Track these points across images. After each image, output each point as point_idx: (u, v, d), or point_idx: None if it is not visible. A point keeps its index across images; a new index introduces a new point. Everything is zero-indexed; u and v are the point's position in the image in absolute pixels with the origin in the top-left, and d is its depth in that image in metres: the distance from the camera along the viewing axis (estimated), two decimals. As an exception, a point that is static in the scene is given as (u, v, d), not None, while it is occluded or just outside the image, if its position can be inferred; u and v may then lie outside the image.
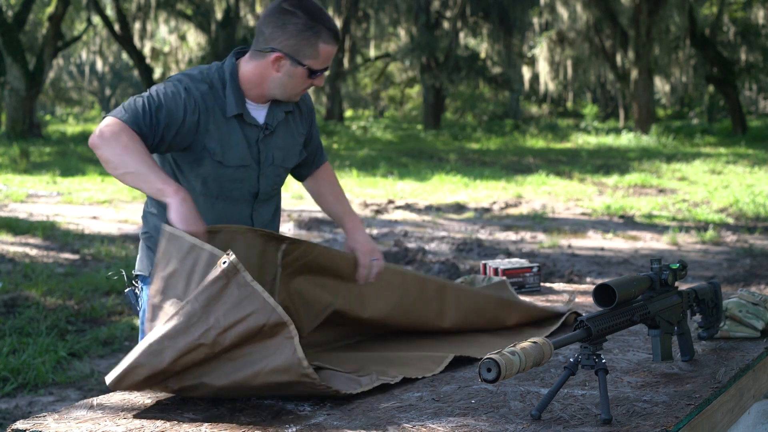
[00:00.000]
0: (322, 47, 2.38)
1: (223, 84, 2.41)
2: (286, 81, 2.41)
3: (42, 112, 45.02)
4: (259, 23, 2.42)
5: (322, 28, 2.37)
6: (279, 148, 2.51)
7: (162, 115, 2.32)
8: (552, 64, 30.25)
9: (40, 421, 1.88)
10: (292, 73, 2.40)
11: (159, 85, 2.39)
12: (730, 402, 2.19)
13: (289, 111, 2.54)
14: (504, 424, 1.83)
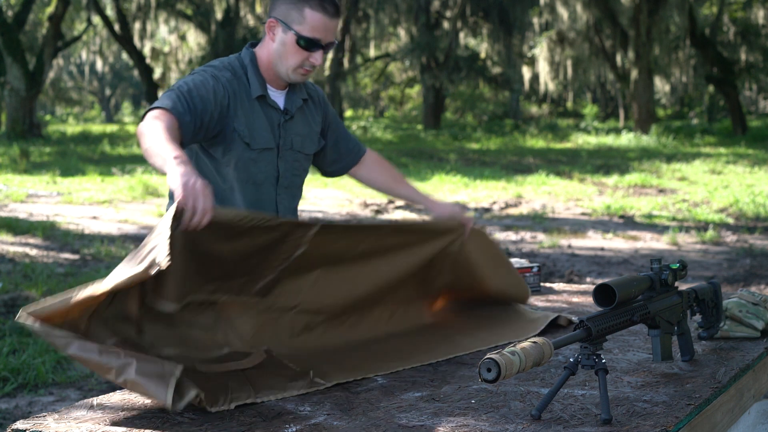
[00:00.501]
0: (308, 12, 2.44)
1: (245, 70, 2.52)
2: (281, 50, 2.48)
3: (42, 112, 45.04)
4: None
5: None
6: (298, 134, 2.60)
7: (197, 100, 2.39)
8: (552, 64, 30.25)
9: (40, 421, 1.88)
10: (284, 40, 2.47)
11: (185, 77, 2.47)
12: (730, 402, 2.19)
13: (305, 98, 2.63)
14: (504, 424, 1.83)
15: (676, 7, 25.96)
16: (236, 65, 2.53)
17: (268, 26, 2.50)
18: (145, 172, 15.73)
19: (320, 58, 2.49)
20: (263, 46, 2.54)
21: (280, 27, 2.47)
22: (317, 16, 2.44)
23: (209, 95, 2.42)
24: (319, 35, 2.45)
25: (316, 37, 2.45)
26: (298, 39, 2.45)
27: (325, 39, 2.47)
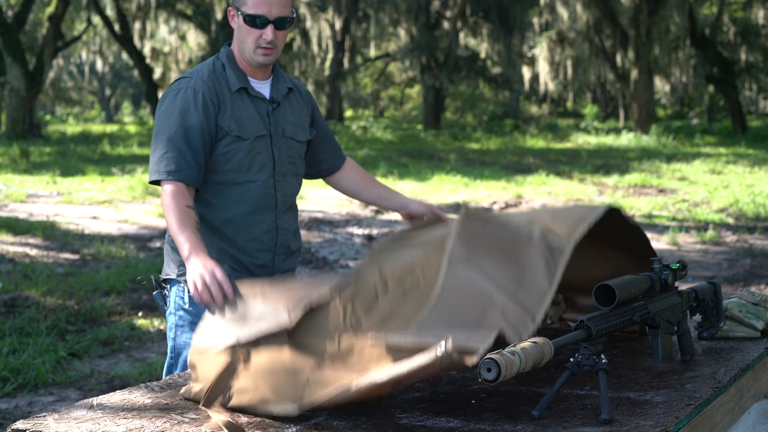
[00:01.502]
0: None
1: (223, 67, 2.58)
2: (240, 35, 2.54)
3: (42, 112, 45.04)
4: None
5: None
6: (289, 122, 2.64)
7: (195, 140, 2.48)
8: (552, 64, 30.25)
9: (40, 421, 1.88)
10: (240, 24, 2.52)
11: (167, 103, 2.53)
12: (730, 402, 2.19)
13: (290, 87, 2.68)
14: (504, 424, 1.83)
15: (676, 7, 25.96)
16: (214, 64, 2.59)
17: (229, 17, 2.58)
18: (145, 172, 15.72)
19: (271, 33, 2.50)
20: (234, 42, 2.61)
21: (235, 13, 2.54)
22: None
23: (200, 119, 2.49)
24: (262, 10, 2.48)
25: (260, 13, 2.48)
26: (245, 18, 2.50)
27: (270, 13, 2.49)
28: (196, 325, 2.47)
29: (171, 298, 2.58)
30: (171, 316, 2.58)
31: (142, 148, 23.13)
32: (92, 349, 5.40)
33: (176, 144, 2.45)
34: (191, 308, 2.52)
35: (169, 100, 2.54)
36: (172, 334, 2.57)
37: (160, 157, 2.46)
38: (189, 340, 2.50)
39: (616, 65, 28.42)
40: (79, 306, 6.38)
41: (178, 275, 2.56)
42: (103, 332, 5.67)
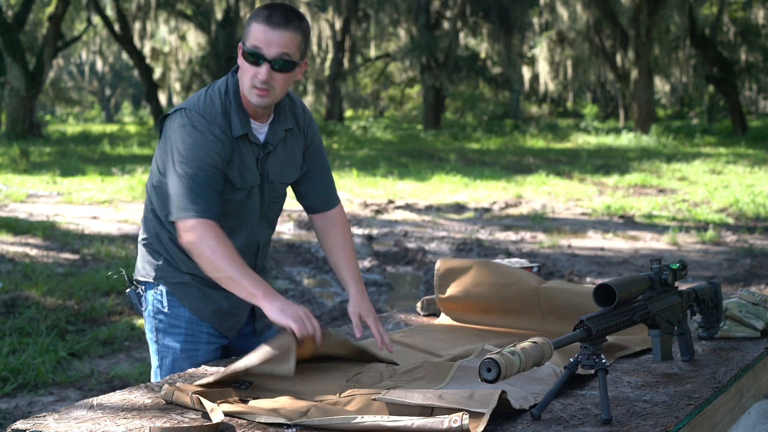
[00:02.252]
0: (253, 25, 2.35)
1: (229, 105, 2.41)
2: (241, 72, 2.39)
3: (42, 112, 45.04)
4: None
5: (262, 11, 2.35)
6: (278, 164, 2.50)
7: (213, 180, 2.35)
8: (552, 64, 30.25)
9: (40, 421, 1.87)
10: (241, 60, 2.39)
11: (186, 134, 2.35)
12: (730, 402, 2.19)
13: (289, 128, 2.51)
14: (505, 424, 1.83)
15: (676, 7, 25.96)
16: (224, 103, 2.41)
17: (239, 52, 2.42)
18: (145, 172, 15.73)
19: (265, 72, 2.32)
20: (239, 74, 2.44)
21: (241, 47, 2.39)
22: (259, 27, 2.33)
23: (216, 163, 2.36)
24: (260, 45, 2.32)
25: (256, 47, 2.32)
26: (243, 53, 2.36)
27: (267, 51, 2.31)
28: (175, 328, 2.49)
29: (148, 301, 2.53)
30: (150, 319, 2.52)
31: (142, 148, 23.12)
32: (92, 349, 5.40)
33: (198, 182, 2.32)
34: (170, 311, 2.48)
35: (184, 134, 2.35)
36: (153, 337, 2.52)
37: (184, 194, 2.31)
38: (171, 343, 2.48)
39: (616, 65, 28.42)
40: (79, 306, 6.38)
41: (155, 278, 2.50)
42: (103, 332, 5.67)
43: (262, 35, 2.32)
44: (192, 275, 2.47)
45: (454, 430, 1.74)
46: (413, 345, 2.54)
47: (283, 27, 2.32)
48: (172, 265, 2.49)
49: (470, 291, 2.84)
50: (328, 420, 1.83)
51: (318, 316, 6.34)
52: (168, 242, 2.48)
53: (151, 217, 2.52)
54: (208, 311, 2.49)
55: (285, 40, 2.33)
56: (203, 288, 2.48)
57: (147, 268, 2.54)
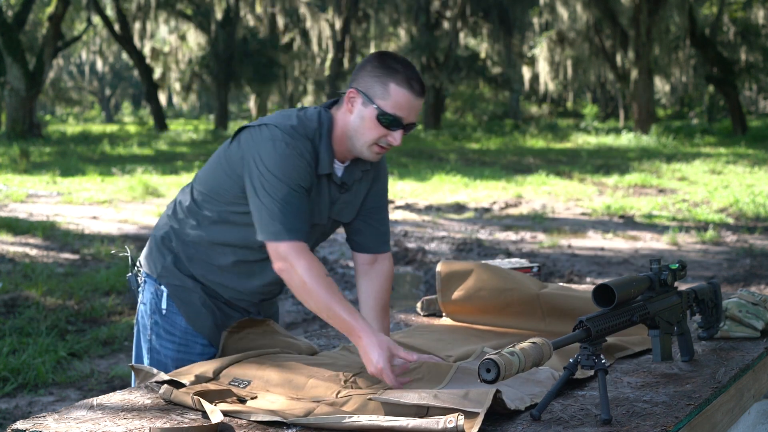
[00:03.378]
0: (393, 88, 2.25)
1: (319, 139, 2.33)
2: (358, 124, 2.30)
3: (42, 112, 45.05)
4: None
5: (398, 71, 2.27)
6: (342, 203, 2.45)
7: (303, 200, 2.30)
8: (552, 64, 30.26)
9: (40, 421, 1.88)
10: (363, 114, 2.29)
11: (276, 153, 2.26)
12: (730, 402, 2.19)
13: (366, 170, 2.45)
14: (504, 424, 1.83)
15: (676, 7, 25.96)
16: (314, 131, 2.33)
17: (347, 97, 2.31)
18: (145, 172, 15.74)
19: (399, 138, 2.29)
20: (340, 115, 2.35)
21: (361, 99, 2.28)
22: (402, 93, 2.25)
23: (306, 185, 2.31)
24: (402, 113, 2.26)
25: (399, 115, 2.26)
26: (379, 115, 2.26)
27: (407, 118, 2.28)
28: (170, 335, 2.43)
29: (146, 296, 2.48)
30: (146, 315, 2.47)
31: (142, 148, 23.13)
32: (92, 349, 5.40)
33: (290, 202, 2.25)
34: (167, 316, 2.44)
35: (274, 149, 2.27)
36: (147, 334, 2.47)
37: (275, 215, 2.24)
38: (164, 348, 2.43)
39: (616, 65, 28.42)
40: (79, 306, 6.38)
41: (159, 275, 2.45)
42: (103, 332, 5.67)
43: (406, 103, 2.27)
44: (195, 281, 2.44)
45: (450, 430, 1.74)
46: (413, 346, 2.55)
47: (421, 95, 2.30)
48: (178, 266, 2.44)
49: (472, 296, 2.85)
50: (325, 419, 1.84)
51: (318, 316, 6.33)
52: (190, 242, 2.42)
53: (186, 212, 2.44)
54: (205, 324, 2.44)
55: (419, 108, 2.32)
56: (204, 296, 2.44)
57: (153, 263, 2.48)
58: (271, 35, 33.84)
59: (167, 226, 2.49)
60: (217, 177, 2.39)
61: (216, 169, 2.40)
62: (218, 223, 2.40)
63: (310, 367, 2.18)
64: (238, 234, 2.39)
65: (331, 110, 2.38)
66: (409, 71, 2.28)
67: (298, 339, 2.50)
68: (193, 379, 2.10)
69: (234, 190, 2.35)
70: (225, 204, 2.38)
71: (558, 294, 2.79)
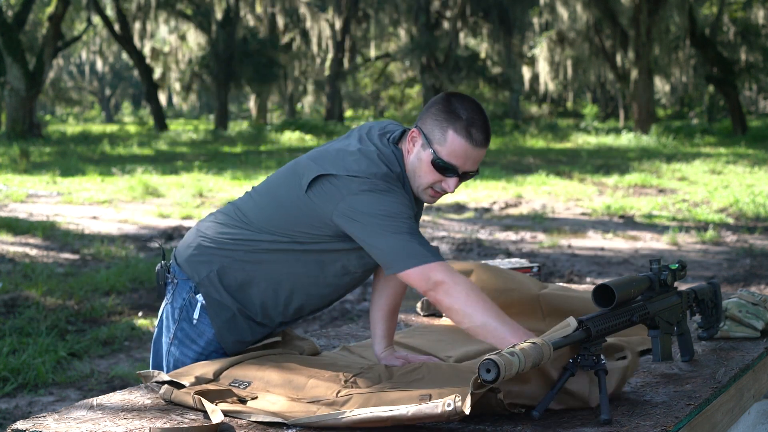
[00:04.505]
0: (451, 135, 2.22)
1: (404, 179, 2.31)
2: (416, 165, 2.28)
3: (42, 112, 45.05)
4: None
5: (461, 118, 2.23)
6: None
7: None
8: (552, 64, 30.26)
9: (40, 421, 1.88)
10: (421, 156, 2.26)
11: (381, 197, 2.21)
12: (730, 402, 2.19)
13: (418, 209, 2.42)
14: (504, 425, 1.83)
15: (676, 7, 25.97)
16: (399, 175, 2.30)
17: (410, 136, 2.28)
18: (145, 172, 15.73)
19: (453, 185, 2.26)
20: (405, 151, 2.32)
21: (421, 140, 2.26)
22: (460, 142, 2.22)
23: (413, 213, 2.29)
24: (457, 162, 2.23)
25: (453, 163, 2.23)
26: (434, 159, 2.24)
27: (463, 167, 2.25)
28: (193, 343, 2.37)
29: (178, 301, 2.40)
30: (172, 320, 2.40)
31: (142, 148, 23.13)
32: (92, 349, 5.40)
33: (413, 231, 2.20)
34: (197, 326, 2.37)
35: (371, 199, 2.20)
36: (169, 338, 2.40)
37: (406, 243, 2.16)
38: (183, 356, 2.38)
39: (616, 65, 28.43)
40: (79, 306, 6.38)
41: (198, 283, 2.35)
42: (103, 332, 5.67)
43: (462, 153, 2.23)
44: (233, 298, 2.36)
45: (449, 413, 1.75)
46: (413, 346, 2.55)
47: (482, 146, 2.26)
48: (222, 280, 2.35)
49: None
50: (326, 416, 1.84)
51: (318, 316, 6.34)
52: (239, 260, 2.35)
53: (243, 234, 2.35)
54: (231, 340, 2.38)
55: (479, 157, 2.28)
56: (240, 316, 2.37)
57: (196, 269, 2.38)
58: (271, 35, 33.84)
59: (219, 237, 2.38)
60: (293, 217, 2.30)
61: (291, 209, 2.30)
62: (284, 253, 2.33)
63: (311, 368, 2.18)
64: (302, 261, 2.33)
65: (399, 146, 2.34)
66: (473, 118, 2.24)
67: (303, 338, 2.50)
68: (194, 380, 2.10)
69: (315, 236, 2.29)
70: (297, 243, 2.32)
71: (558, 294, 2.79)
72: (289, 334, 2.49)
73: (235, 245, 2.35)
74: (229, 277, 2.35)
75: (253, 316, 2.38)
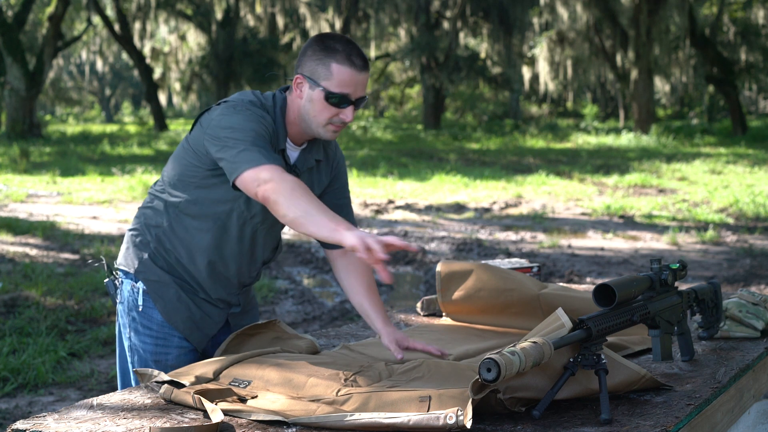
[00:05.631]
0: (335, 67, 2.33)
1: (274, 115, 2.42)
2: (309, 108, 2.38)
3: (42, 112, 45.04)
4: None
5: (338, 50, 2.34)
6: None
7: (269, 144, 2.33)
8: (552, 64, 30.26)
9: (40, 421, 1.88)
10: (311, 96, 2.37)
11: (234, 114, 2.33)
12: (730, 402, 2.19)
13: (318, 160, 2.52)
14: (505, 424, 1.83)
15: (676, 7, 25.96)
16: (270, 108, 2.42)
17: (295, 83, 2.39)
18: (145, 172, 15.74)
19: (351, 113, 2.39)
20: (292, 100, 2.43)
21: (307, 84, 2.37)
22: (345, 71, 2.33)
23: (269, 135, 2.36)
24: (348, 90, 2.35)
25: (345, 92, 2.35)
26: (327, 94, 2.34)
27: (354, 94, 2.36)
28: (147, 329, 2.46)
29: (124, 295, 2.50)
30: (124, 314, 2.51)
31: (142, 148, 23.13)
32: (92, 349, 5.40)
33: (259, 143, 2.27)
34: (144, 311, 2.47)
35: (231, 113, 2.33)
36: (126, 332, 2.50)
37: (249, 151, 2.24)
38: (142, 343, 2.47)
39: (616, 65, 28.43)
40: (79, 306, 6.38)
41: (136, 271, 2.47)
42: (103, 332, 5.67)
43: (349, 79, 2.34)
44: (172, 276, 2.46)
45: (450, 426, 1.75)
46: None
47: (364, 69, 2.36)
48: (155, 261, 2.47)
49: (472, 296, 2.86)
50: (326, 418, 1.84)
51: (318, 316, 6.34)
52: (162, 234, 2.46)
53: (159, 205, 2.47)
54: (179, 318, 2.47)
55: (365, 81, 2.37)
56: (179, 291, 2.46)
57: (130, 259, 2.50)
58: (271, 35, 33.84)
59: (141, 221, 2.52)
60: (184, 164, 2.43)
61: (181, 158, 2.44)
62: (190, 203, 2.44)
63: (310, 366, 2.18)
64: (211, 209, 2.43)
65: (285, 94, 2.46)
66: (349, 48, 2.35)
67: (302, 336, 2.51)
68: (194, 379, 2.10)
69: (201, 171, 2.40)
70: (194, 188, 2.42)
71: (558, 294, 2.79)
72: (289, 333, 2.49)
73: (155, 218, 2.48)
74: (160, 257, 2.47)
75: (194, 288, 2.48)
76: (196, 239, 2.45)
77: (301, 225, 2.16)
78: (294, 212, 2.16)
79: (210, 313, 2.50)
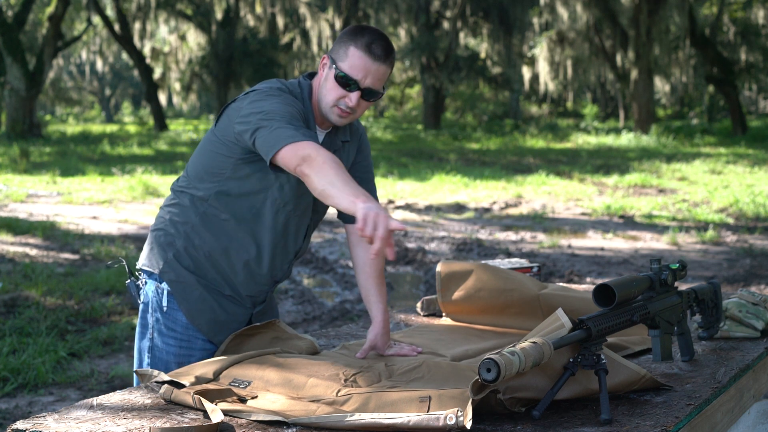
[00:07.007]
0: (352, 50, 2.33)
1: (302, 100, 2.43)
2: (324, 85, 2.39)
3: (42, 112, 45.04)
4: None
5: (362, 36, 2.34)
6: None
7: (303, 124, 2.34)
8: (552, 64, 30.26)
9: (40, 421, 1.88)
10: (328, 75, 2.38)
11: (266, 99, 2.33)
12: (730, 402, 2.19)
13: (345, 140, 2.52)
14: (504, 424, 1.83)
15: (676, 7, 25.96)
16: (297, 94, 2.43)
17: (321, 62, 2.42)
18: (145, 172, 15.73)
19: (355, 99, 2.35)
20: (315, 82, 2.46)
21: (328, 62, 2.39)
22: (360, 55, 2.33)
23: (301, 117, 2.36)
24: (358, 75, 2.33)
25: (353, 76, 2.33)
26: (336, 73, 2.35)
27: (363, 81, 2.34)
28: (171, 331, 2.45)
29: (148, 295, 2.49)
30: (147, 315, 2.49)
31: (142, 148, 23.13)
32: (92, 349, 5.40)
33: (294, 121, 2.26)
34: (168, 313, 2.46)
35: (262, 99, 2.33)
36: (148, 333, 2.48)
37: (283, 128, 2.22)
38: (165, 345, 2.45)
39: (616, 65, 28.42)
40: (79, 306, 6.38)
41: (161, 272, 2.45)
42: (103, 332, 5.67)
43: (361, 64, 2.33)
44: (196, 276, 2.45)
45: (450, 426, 1.75)
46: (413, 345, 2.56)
47: (381, 60, 2.34)
48: (179, 261, 2.45)
49: (472, 296, 2.86)
50: (326, 418, 1.84)
51: (318, 316, 6.34)
52: (192, 230, 2.44)
53: (185, 201, 2.46)
54: (203, 320, 2.46)
55: (380, 74, 2.35)
56: (203, 292, 2.45)
57: (154, 259, 2.48)
58: (271, 35, 33.85)
59: (166, 219, 2.50)
60: (211, 156, 2.41)
61: (208, 150, 2.43)
62: (222, 195, 2.42)
63: (310, 367, 2.18)
64: (244, 199, 2.42)
65: (311, 80, 2.47)
66: (373, 36, 2.34)
67: (302, 337, 2.51)
68: (194, 380, 2.10)
69: (231, 162, 2.39)
70: (225, 179, 2.41)
71: (558, 294, 2.79)
72: (289, 333, 2.49)
73: (180, 216, 2.47)
74: (186, 255, 2.45)
75: (220, 288, 2.46)
76: (229, 231, 2.44)
77: (327, 196, 2.14)
78: (322, 184, 2.13)
79: (234, 313, 2.49)
